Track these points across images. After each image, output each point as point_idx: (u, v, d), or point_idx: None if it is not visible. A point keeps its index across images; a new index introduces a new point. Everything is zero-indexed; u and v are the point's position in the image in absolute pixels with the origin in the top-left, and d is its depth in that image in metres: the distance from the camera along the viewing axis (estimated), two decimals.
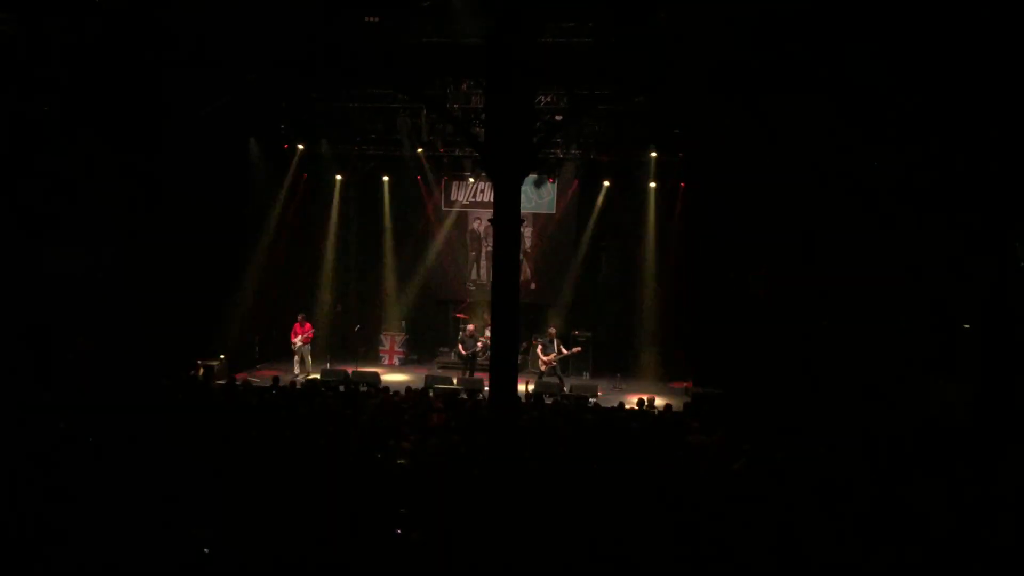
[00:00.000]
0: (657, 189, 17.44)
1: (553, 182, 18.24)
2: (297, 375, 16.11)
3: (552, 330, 16.57)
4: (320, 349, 17.20)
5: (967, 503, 7.31)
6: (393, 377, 16.44)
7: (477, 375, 15.89)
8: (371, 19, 10.94)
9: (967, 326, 11.69)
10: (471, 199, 18.92)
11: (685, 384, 16.11)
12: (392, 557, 6.31)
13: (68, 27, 10.86)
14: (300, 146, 17.61)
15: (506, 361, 9.94)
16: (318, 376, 15.53)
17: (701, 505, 7.47)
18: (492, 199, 10.13)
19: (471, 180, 18.67)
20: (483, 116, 10.87)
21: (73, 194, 12.68)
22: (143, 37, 10.75)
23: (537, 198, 18.39)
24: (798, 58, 9.78)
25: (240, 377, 14.76)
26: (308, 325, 16.78)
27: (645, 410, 12.34)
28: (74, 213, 12.75)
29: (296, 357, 16.60)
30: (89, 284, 13.18)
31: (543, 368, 16.08)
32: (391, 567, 6.17)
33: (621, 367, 17.46)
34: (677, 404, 13.55)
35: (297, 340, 16.54)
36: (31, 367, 11.60)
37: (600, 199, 18.07)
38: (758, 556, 6.33)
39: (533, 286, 18.48)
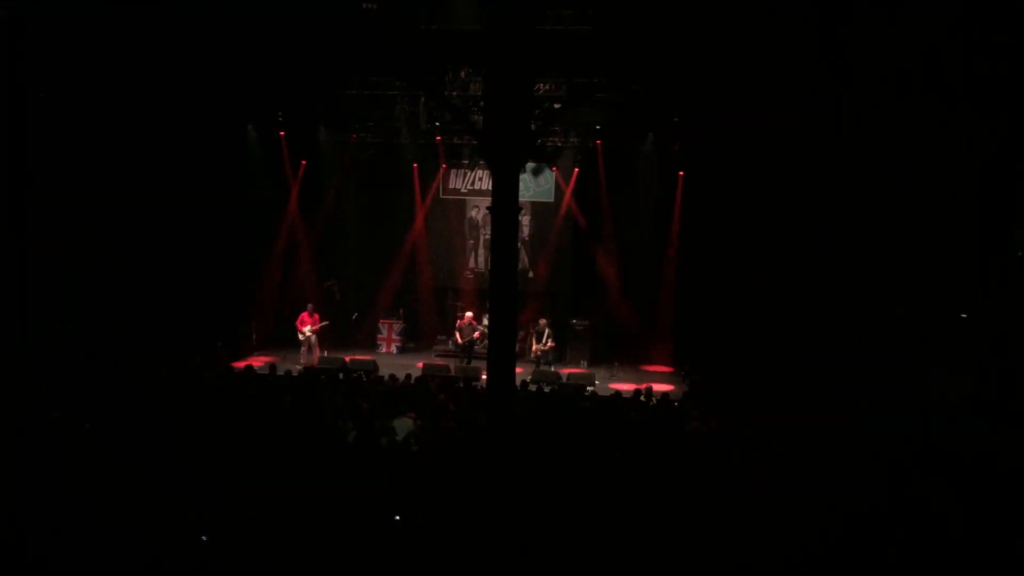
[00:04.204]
0: (656, 177, 17.42)
1: (552, 170, 18.23)
2: (304, 363, 16.13)
3: (543, 321, 16.64)
4: (318, 336, 17.19)
5: (968, 493, 7.33)
6: (390, 364, 16.42)
7: (475, 363, 15.91)
8: (369, 5, 10.90)
9: (964, 316, 11.71)
10: (469, 187, 18.88)
11: (683, 369, 16.14)
12: (392, 544, 6.32)
13: (70, 13, 10.81)
14: (298, 133, 17.55)
15: (504, 349, 9.95)
16: (314, 364, 15.55)
17: (700, 492, 7.48)
18: (490, 187, 10.10)
19: (469, 168, 18.64)
20: (481, 104, 10.84)
21: (69, 181, 12.66)
22: (143, 25, 10.71)
23: (535, 186, 18.36)
24: (797, 44, 9.76)
25: (247, 362, 14.80)
26: (317, 316, 16.77)
27: (643, 399, 12.35)
28: (68, 200, 12.74)
29: (303, 348, 16.59)
30: (85, 271, 13.19)
31: (533, 356, 16.27)
32: (391, 554, 6.18)
33: (619, 355, 17.47)
34: (675, 392, 13.57)
35: (306, 329, 16.52)
36: (25, 357, 11.59)
37: (598, 187, 18.05)
38: (759, 546, 6.34)
39: (531, 275, 18.48)
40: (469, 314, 17.20)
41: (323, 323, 16.81)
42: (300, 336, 16.60)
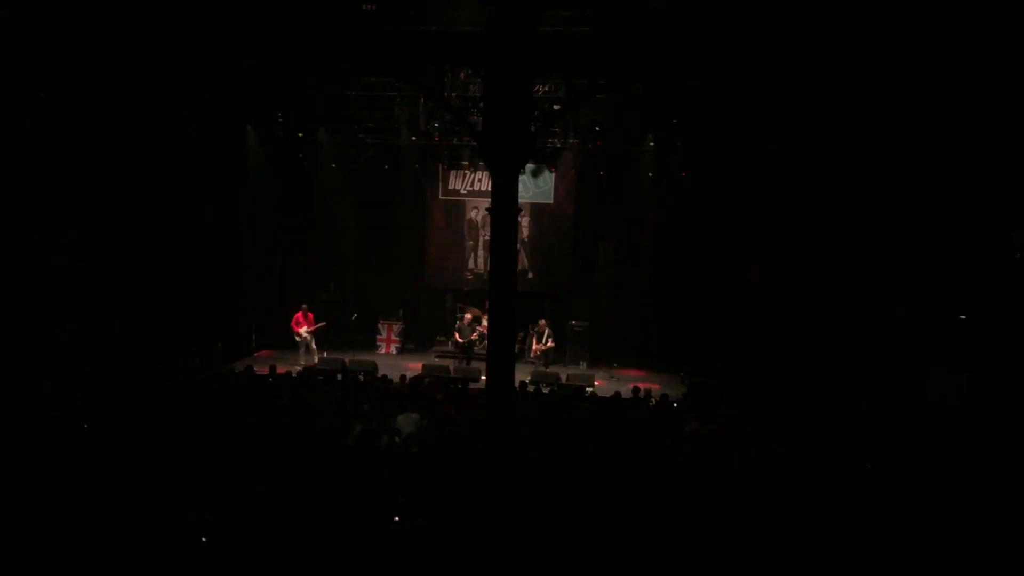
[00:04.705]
0: (655, 178, 17.43)
1: (551, 172, 18.24)
2: (303, 364, 16.11)
3: (543, 322, 16.69)
4: (317, 338, 17.18)
5: (968, 493, 7.33)
6: (390, 365, 16.42)
7: (474, 364, 15.91)
8: (368, 6, 10.89)
9: (963, 317, 11.71)
10: (469, 188, 18.89)
11: (679, 374, 16.13)
12: (390, 545, 6.32)
13: (67, 11, 10.80)
14: (298, 134, 17.57)
15: (503, 350, 9.93)
16: (313, 364, 15.56)
17: (699, 492, 7.49)
18: (490, 188, 10.09)
19: (469, 169, 18.65)
20: (481, 105, 10.84)
21: (69, 181, 12.66)
22: (141, 23, 10.70)
23: (535, 187, 18.38)
24: (797, 44, 9.76)
25: (247, 362, 14.77)
26: (311, 316, 16.78)
27: (641, 399, 12.35)
28: (70, 200, 12.74)
29: (301, 349, 16.60)
30: (84, 271, 13.18)
31: (533, 356, 16.31)
32: (391, 554, 6.18)
33: (618, 357, 17.47)
34: (674, 394, 13.56)
35: (302, 330, 16.54)
36: (26, 357, 11.57)
37: (598, 188, 18.06)
38: (759, 546, 6.34)
39: (530, 275, 18.49)
40: (469, 315, 17.21)
41: (320, 323, 16.84)
42: (297, 338, 16.64)
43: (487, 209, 10.16)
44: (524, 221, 18.15)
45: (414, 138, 17.27)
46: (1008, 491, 7.41)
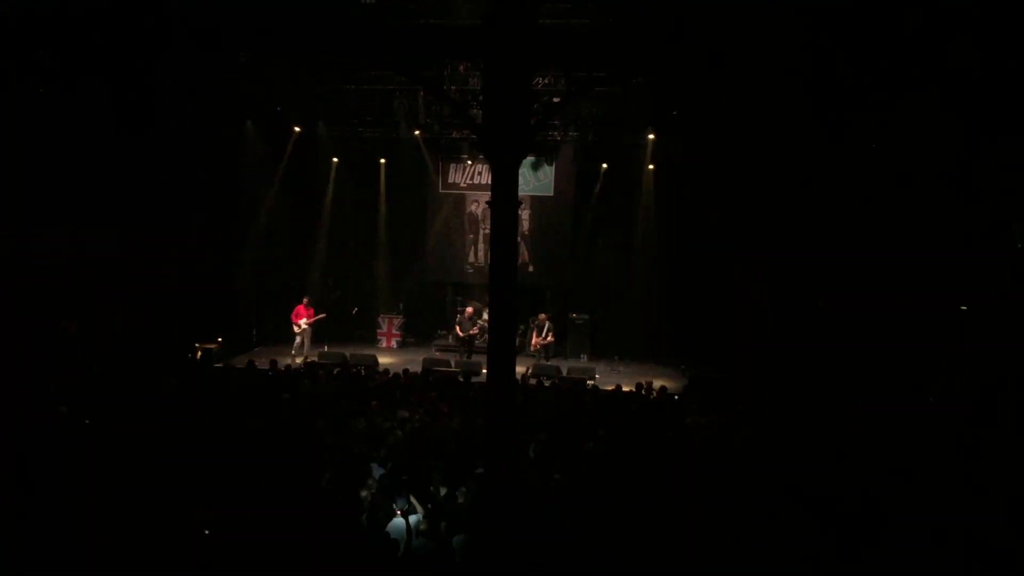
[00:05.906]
0: (655, 171, 17.41)
1: (551, 164, 18.22)
2: (296, 357, 16.09)
3: (543, 315, 16.70)
4: (318, 331, 17.18)
5: (967, 493, 7.33)
6: (391, 359, 16.44)
7: (475, 358, 15.92)
8: None
9: (964, 308, 11.70)
10: (469, 181, 18.88)
11: (681, 367, 16.13)
12: (392, 540, 6.33)
13: (63, 7, 10.77)
14: (296, 128, 17.54)
15: (504, 343, 9.90)
16: (315, 359, 15.54)
17: (698, 485, 7.49)
18: (490, 181, 10.07)
19: (469, 162, 18.63)
20: (480, 98, 10.78)
21: (67, 176, 12.64)
22: (138, 18, 10.67)
23: (535, 180, 18.36)
24: (796, 39, 9.73)
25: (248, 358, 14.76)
26: (312, 310, 16.76)
27: (643, 393, 12.36)
28: (68, 196, 12.72)
29: (298, 339, 16.58)
30: (84, 268, 13.17)
31: (533, 350, 16.33)
32: (392, 550, 6.19)
33: (619, 349, 17.48)
34: (675, 387, 13.57)
35: (302, 322, 16.52)
36: (29, 354, 11.58)
37: (598, 181, 18.04)
38: (757, 541, 6.35)
39: (531, 268, 18.48)
40: (469, 308, 17.21)
41: (319, 316, 16.81)
42: (296, 328, 16.58)
43: (487, 202, 10.13)
44: (524, 214, 18.14)
45: (414, 132, 17.23)
46: (1008, 491, 7.40)
